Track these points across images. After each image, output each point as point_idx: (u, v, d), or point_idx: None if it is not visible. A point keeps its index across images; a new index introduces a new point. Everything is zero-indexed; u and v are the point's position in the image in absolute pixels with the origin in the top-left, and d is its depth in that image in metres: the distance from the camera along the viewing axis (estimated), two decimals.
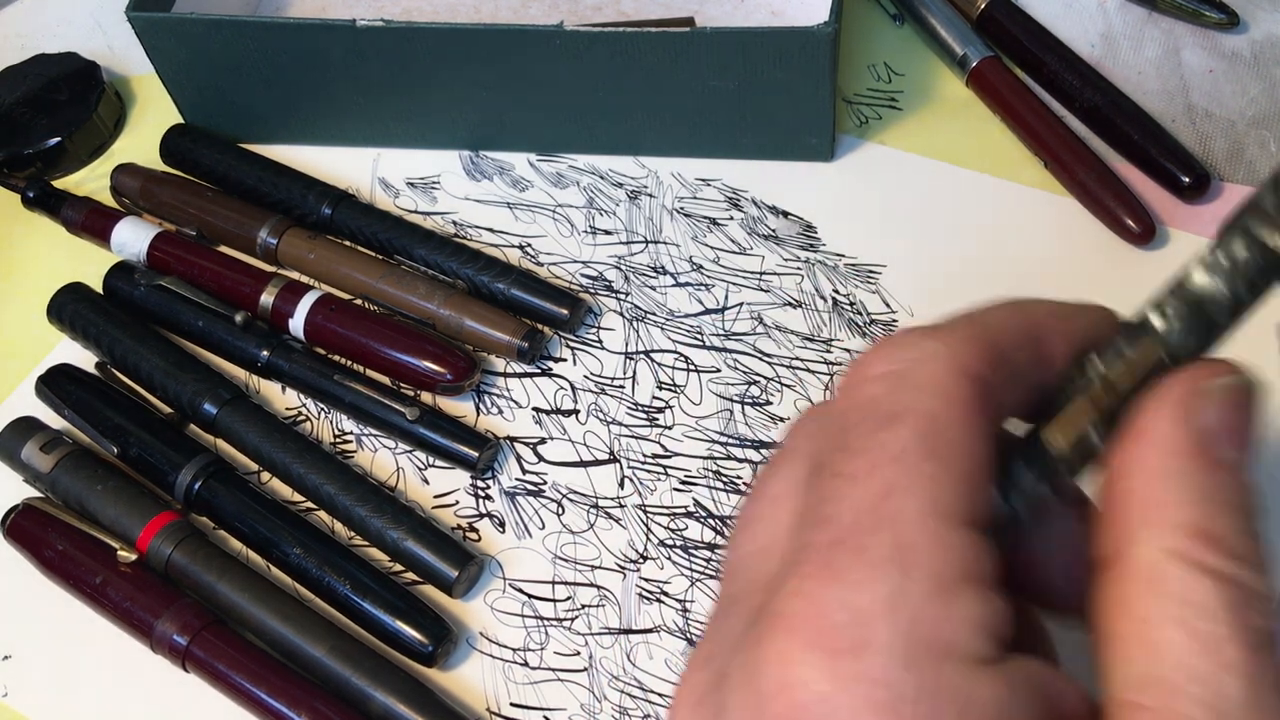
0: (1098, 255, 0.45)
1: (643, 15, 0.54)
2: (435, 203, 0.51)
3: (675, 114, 0.48)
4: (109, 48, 0.59)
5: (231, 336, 0.46)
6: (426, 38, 0.47)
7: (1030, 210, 0.47)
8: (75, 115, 0.54)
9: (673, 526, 0.41)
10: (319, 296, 0.46)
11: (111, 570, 0.40)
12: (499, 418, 0.44)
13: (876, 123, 0.51)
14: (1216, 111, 0.49)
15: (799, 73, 0.46)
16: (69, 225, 0.51)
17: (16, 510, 0.42)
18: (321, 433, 0.45)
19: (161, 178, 0.52)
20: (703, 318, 0.46)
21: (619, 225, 0.49)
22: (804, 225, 0.48)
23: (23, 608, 0.42)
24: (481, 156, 0.52)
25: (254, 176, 0.51)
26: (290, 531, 0.41)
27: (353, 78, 0.49)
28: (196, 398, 0.44)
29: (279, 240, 0.49)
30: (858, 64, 0.53)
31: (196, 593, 0.40)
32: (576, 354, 0.46)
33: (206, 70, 0.50)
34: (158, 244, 0.49)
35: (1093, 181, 0.46)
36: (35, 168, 0.54)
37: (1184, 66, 0.51)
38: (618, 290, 0.47)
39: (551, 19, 0.55)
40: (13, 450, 0.43)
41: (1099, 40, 0.52)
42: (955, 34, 0.52)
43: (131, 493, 0.42)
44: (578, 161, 0.51)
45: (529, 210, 0.50)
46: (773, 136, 0.49)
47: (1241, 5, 0.52)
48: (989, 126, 0.50)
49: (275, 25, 0.48)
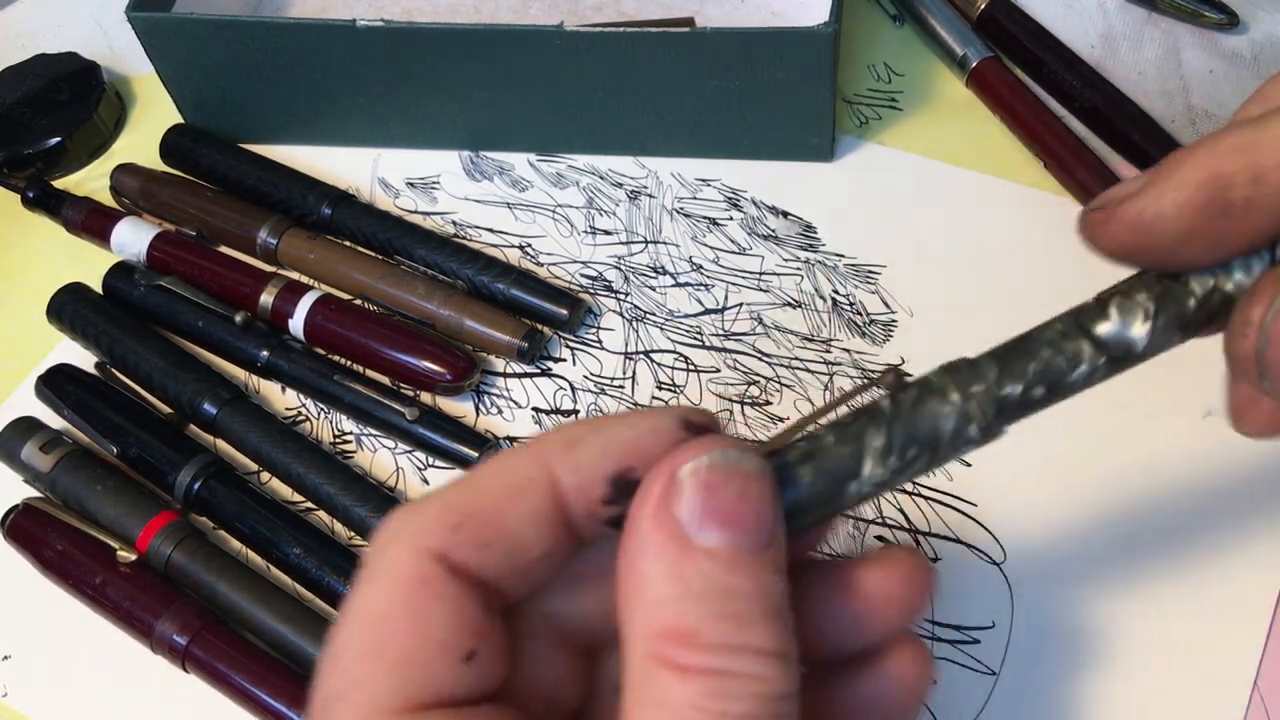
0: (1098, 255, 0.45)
1: (643, 15, 0.54)
2: (435, 203, 0.51)
3: (675, 114, 0.48)
4: (109, 48, 0.59)
5: (231, 336, 0.46)
6: (426, 38, 0.47)
7: (1030, 210, 0.47)
8: (75, 115, 0.54)
9: None
10: (319, 296, 0.47)
11: (111, 570, 0.40)
12: (499, 418, 0.44)
13: (876, 123, 0.51)
14: (1216, 112, 0.49)
15: (799, 73, 0.46)
16: (69, 225, 0.51)
17: (16, 510, 0.42)
18: (321, 433, 0.45)
19: (161, 178, 0.52)
20: (702, 318, 0.46)
21: (619, 225, 0.49)
22: (804, 225, 0.48)
23: (23, 608, 0.42)
24: (481, 156, 0.52)
25: (254, 176, 0.51)
26: (290, 531, 0.41)
27: (353, 78, 0.49)
28: (196, 398, 0.44)
29: (279, 240, 0.49)
30: (858, 64, 0.53)
31: (196, 593, 0.40)
32: (576, 354, 0.46)
33: (206, 70, 0.50)
34: (157, 244, 0.49)
35: (1093, 182, 0.46)
36: (35, 168, 0.54)
37: (1184, 67, 0.51)
38: (617, 290, 0.47)
39: (551, 19, 0.55)
40: (13, 450, 0.43)
41: (1099, 40, 0.52)
42: (955, 34, 0.52)
43: (131, 493, 0.42)
44: (577, 161, 0.51)
45: (529, 210, 0.50)
46: (773, 136, 0.49)
47: (1241, 5, 0.52)
48: (989, 127, 0.50)
49: (275, 25, 0.48)
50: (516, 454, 0.23)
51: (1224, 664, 0.36)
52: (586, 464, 0.23)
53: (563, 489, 0.23)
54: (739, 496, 0.21)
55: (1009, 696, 0.37)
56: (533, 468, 0.23)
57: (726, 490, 0.21)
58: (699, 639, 0.20)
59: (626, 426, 0.23)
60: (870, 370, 0.44)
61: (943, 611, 0.38)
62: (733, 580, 0.21)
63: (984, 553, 0.39)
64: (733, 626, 0.21)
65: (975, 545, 0.39)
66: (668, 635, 0.20)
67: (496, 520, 0.22)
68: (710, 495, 0.21)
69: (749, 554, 0.21)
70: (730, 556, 0.21)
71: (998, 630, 0.38)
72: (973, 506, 0.40)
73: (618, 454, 0.23)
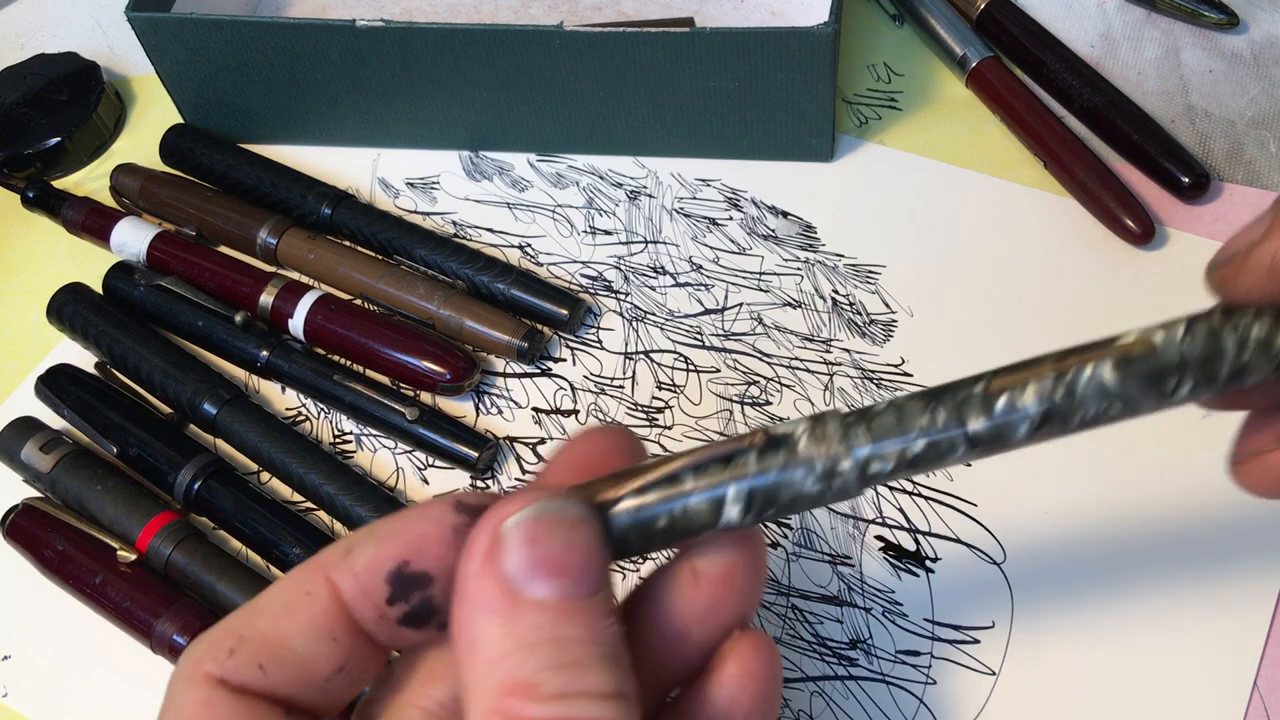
0: (1097, 255, 0.46)
1: (643, 15, 0.54)
2: (435, 203, 0.51)
3: (675, 114, 0.48)
4: (109, 48, 0.59)
5: (231, 336, 0.46)
6: (426, 38, 0.47)
7: (1030, 210, 0.47)
8: (75, 115, 0.54)
9: None
10: (319, 296, 0.47)
11: (111, 570, 0.40)
12: (498, 418, 0.44)
13: (876, 123, 0.51)
14: (1216, 112, 0.49)
15: (799, 73, 0.46)
16: (69, 225, 0.51)
17: (16, 510, 0.42)
18: (321, 433, 0.45)
19: (161, 178, 0.52)
20: (702, 318, 0.46)
21: (619, 225, 0.49)
22: (804, 225, 0.48)
23: (23, 608, 0.42)
24: (481, 156, 0.52)
25: (254, 176, 0.51)
26: (290, 531, 0.41)
27: (353, 78, 0.49)
28: (196, 398, 0.44)
29: (279, 240, 0.49)
30: (858, 64, 0.53)
31: (196, 593, 0.40)
32: (576, 354, 0.46)
33: (206, 70, 0.50)
34: (157, 244, 0.49)
35: (1093, 181, 0.46)
36: (35, 168, 0.54)
37: (1184, 66, 0.51)
38: (617, 290, 0.47)
39: (551, 19, 0.55)
40: (13, 450, 0.43)
41: (1099, 40, 0.52)
42: (955, 34, 0.52)
43: (131, 493, 0.42)
44: (577, 161, 0.51)
45: (529, 210, 0.50)
46: (773, 136, 0.49)
47: (1241, 5, 0.52)
48: (989, 126, 0.50)
49: (275, 25, 0.48)
50: (297, 570, 0.23)
51: (1224, 664, 0.36)
52: (363, 567, 0.23)
53: (345, 598, 0.23)
54: (565, 546, 0.21)
55: (1009, 696, 0.37)
56: (311, 582, 0.23)
57: (552, 540, 0.21)
58: (538, 690, 0.20)
59: (399, 522, 0.23)
60: (870, 370, 0.44)
61: (943, 611, 0.38)
62: (566, 629, 0.21)
63: (984, 553, 0.39)
64: (570, 674, 0.21)
65: (975, 545, 0.39)
66: (507, 690, 0.20)
67: (273, 639, 0.22)
68: (536, 547, 0.21)
69: (579, 601, 0.21)
70: (561, 606, 0.21)
71: (998, 630, 0.38)
72: (973, 506, 0.40)
73: (393, 552, 0.23)
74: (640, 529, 0.23)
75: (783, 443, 0.23)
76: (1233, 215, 0.46)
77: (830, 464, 0.23)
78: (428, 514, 0.23)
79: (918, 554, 0.39)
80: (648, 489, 0.23)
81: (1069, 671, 0.37)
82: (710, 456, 0.23)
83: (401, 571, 0.22)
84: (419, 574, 0.22)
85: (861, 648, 0.38)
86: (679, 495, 0.23)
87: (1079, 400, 0.22)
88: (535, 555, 0.21)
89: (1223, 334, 0.23)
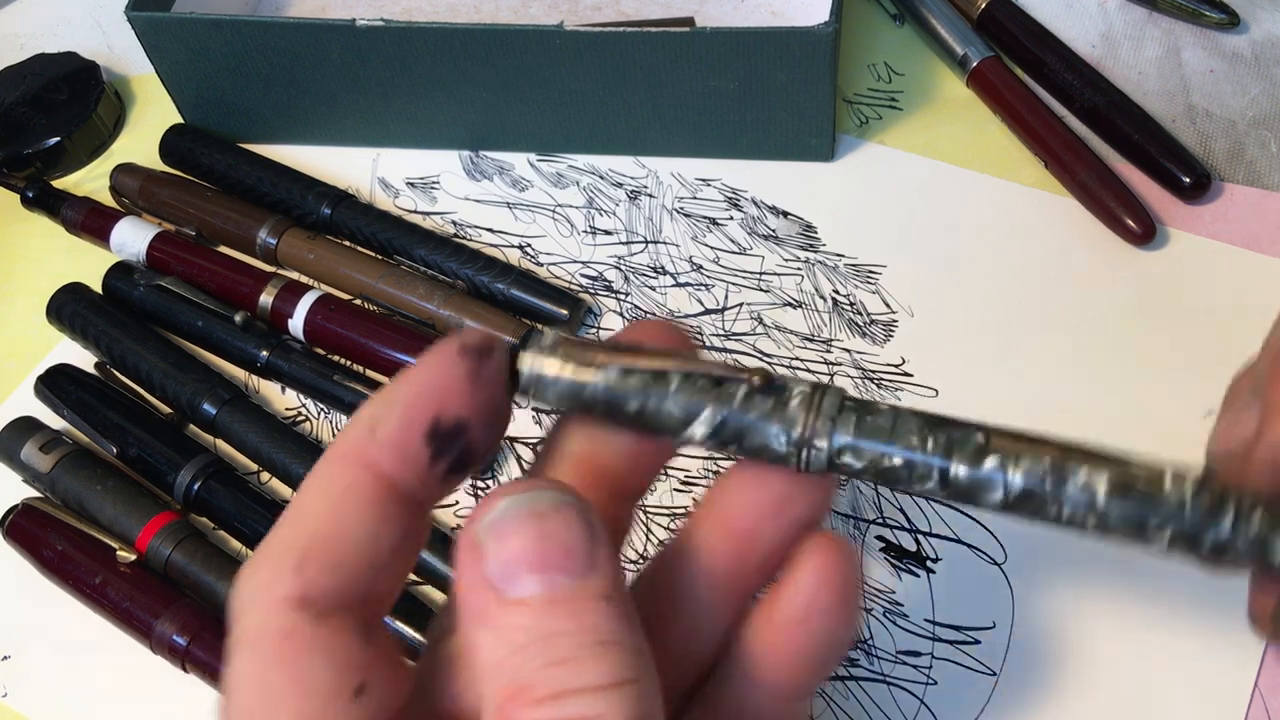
0: (1098, 255, 0.45)
1: (643, 15, 0.54)
2: (435, 203, 0.51)
3: (675, 114, 0.48)
4: (109, 48, 0.59)
5: (231, 336, 0.46)
6: (426, 38, 0.47)
7: (1030, 210, 0.47)
8: (75, 115, 0.54)
9: (673, 527, 0.41)
10: (318, 296, 0.46)
11: (111, 570, 0.40)
12: None
13: (876, 123, 0.51)
14: (1217, 111, 0.49)
15: (799, 73, 0.46)
16: (68, 225, 0.51)
17: (16, 510, 0.42)
18: (321, 433, 0.45)
19: (161, 178, 0.52)
20: (702, 318, 0.46)
21: (619, 225, 0.49)
22: (804, 225, 0.48)
23: (23, 608, 0.42)
24: (481, 156, 0.52)
25: (254, 176, 0.51)
26: None
27: (352, 77, 0.49)
28: (196, 398, 0.44)
29: (279, 240, 0.49)
30: (858, 64, 0.53)
31: (196, 593, 0.40)
32: None
33: (206, 70, 0.50)
34: (157, 244, 0.49)
35: (1093, 181, 0.46)
36: (35, 168, 0.53)
37: (1184, 66, 0.51)
38: (617, 290, 0.47)
39: (551, 19, 0.55)
40: (12, 450, 0.43)
41: (1099, 40, 0.52)
42: (955, 34, 0.52)
43: (131, 493, 0.42)
44: (577, 161, 0.51)
45: (529, 210, 0.50)
46: (773, 136, 0.49)
47: (1241, 5, 0.52)
48: (989, 126, 0.50)
49: (275, 25, 0.48)
50: (321, 474, 0.23)
51: (1224, 664, 0.36)
52: (399, 438, 0.22)
53: (386, 472, 0.22)
54: (539, 538, 0.21)
55: (1009, 696, 0.37)
56: (345, 471, 0.22)
57: (525, 535, 0.21)
58: (533, 694, 0.20)
59: (410, 384, 0.22)
60: (871, 370, 0.44)
61: (943, 611, 0.38)
62: (553, 624, 0.20)
63: (984, 553, 0.39)
64: (564, 671, 0.20)
65: (975, 545, 0.39)
66: (509, 697, 0.20)
67: (336, 537, 0.22)
68: (511, 544, 0.21)
69: (564, 591, 0.21)
70: (545, 600, 0.21)
71: (998, 630, 0.38)
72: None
73: (421, 413, 0.22)
74: (611, 405, 0.23)
75: (776, 394, 0.23)
76: (1233, 215, 0.46)
77: (807, 435, 0.23)
78: (437, 366, 0.22)
79: (918, 554, 0.39)
80: (633, 373, 0.23)
81: (1069, 672, 0.37)
82: (704, 372, 0.23)
83: (437, 429, 0.22)
84: (452, 425, 0.22)
85: (862, 648, 0.38)
86: (658, 392, 0.23)
87: (1063, 496, 0.22)
88: (511, 553, 0.21)
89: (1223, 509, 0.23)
